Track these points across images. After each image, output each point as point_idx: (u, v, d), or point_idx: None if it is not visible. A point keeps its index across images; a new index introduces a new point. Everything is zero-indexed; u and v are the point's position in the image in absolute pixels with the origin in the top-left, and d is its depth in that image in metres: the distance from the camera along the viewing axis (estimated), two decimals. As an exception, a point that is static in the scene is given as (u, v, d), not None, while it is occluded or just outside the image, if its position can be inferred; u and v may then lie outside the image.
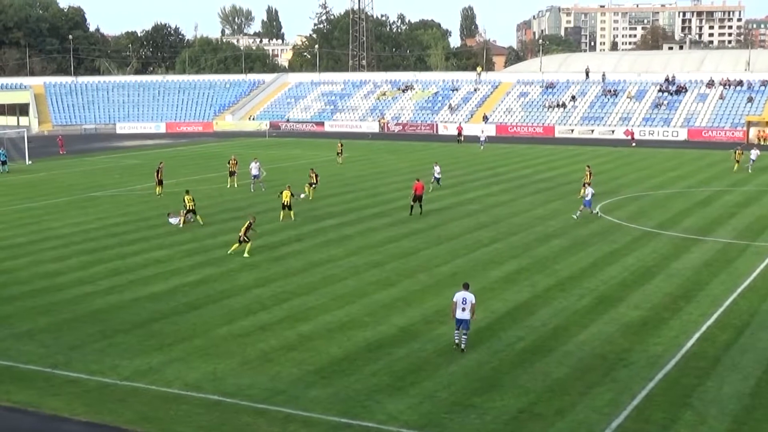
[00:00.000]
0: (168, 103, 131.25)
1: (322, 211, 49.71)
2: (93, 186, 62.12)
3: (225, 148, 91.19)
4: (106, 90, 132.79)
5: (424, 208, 48.11)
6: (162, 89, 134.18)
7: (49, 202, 54.91)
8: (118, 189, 60.40)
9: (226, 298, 30.93)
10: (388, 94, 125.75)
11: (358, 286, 32.25)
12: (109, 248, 39.84)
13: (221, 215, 48.47)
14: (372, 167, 71.83)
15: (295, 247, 39.65)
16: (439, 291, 31.35)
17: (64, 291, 32.03)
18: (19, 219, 48.58)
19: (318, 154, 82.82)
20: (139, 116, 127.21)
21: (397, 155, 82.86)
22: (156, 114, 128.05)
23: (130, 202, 54.23)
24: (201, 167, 72.93)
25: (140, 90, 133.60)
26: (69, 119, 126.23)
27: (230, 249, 38.17)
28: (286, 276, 33.96)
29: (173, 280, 33.60)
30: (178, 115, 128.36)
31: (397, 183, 61.85)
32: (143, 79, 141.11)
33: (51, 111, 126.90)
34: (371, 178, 64.68)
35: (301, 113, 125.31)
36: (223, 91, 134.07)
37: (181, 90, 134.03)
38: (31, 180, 67.15)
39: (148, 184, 61.35)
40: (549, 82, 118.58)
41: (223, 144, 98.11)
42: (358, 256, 37.40)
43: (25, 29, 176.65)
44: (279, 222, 45.88)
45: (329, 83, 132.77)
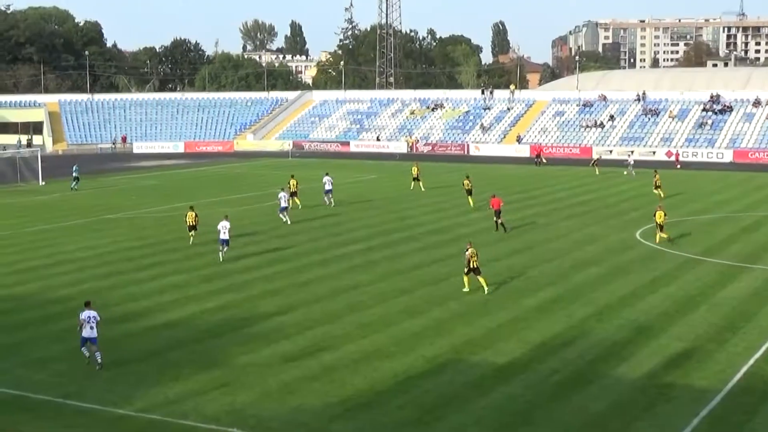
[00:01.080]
0: (187, 121, 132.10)
1: (347, 235, 49.76)
2: (108, 208, 62.52)
3: (246, 169, 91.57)
4: (123, 108, 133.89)
5: (506, 226, 50.00)
6: (181, 107, 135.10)
7: (62, 225, 55.32)
8: (135, 211, 60.77)
9: (247, 326, 30.98)
10: (417, 112, 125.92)
11: (384, 314, 32.19)
12: (125, 273, 40.05)
13: (241, 239, 48.60)
14: (399, 189, 71.85)
15: (319, 272, 39.69)
16: (471, 320, 31.24)
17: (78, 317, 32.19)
18: (32, 242, 48.96)
19: (344, 175, 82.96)
20: (156, 135, 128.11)
21: (427, 177, 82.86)
22: (174, 133, 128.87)
23: (147, 225, 54.54)
24: (221, 189, 73.24)
25: (158, 108, 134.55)
26: (84, 138, 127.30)
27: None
28: (309, 303, 33.98)
29: (191, 306, 33.70)
30: (197, 134, 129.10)
31: (427, 206, 61.81)
32: (161, 96, 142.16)
33: (66, 129, 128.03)
34: (399, 201, 64.72)
35: (326, 132, 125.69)
36: (244, 110, 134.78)
37: (201, 108, 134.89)
38: (45, 201, 67.70)
39: (166, 206, 61.69)
40: (586, 101, 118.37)
41: (244, 164, 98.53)
42: (385, 283, 37.36)
43: (39, 45, 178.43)
44: (303, 246, 45.98)
45: (355, 101, 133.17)
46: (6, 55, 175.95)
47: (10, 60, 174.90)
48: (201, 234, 50.24)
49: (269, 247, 45.93)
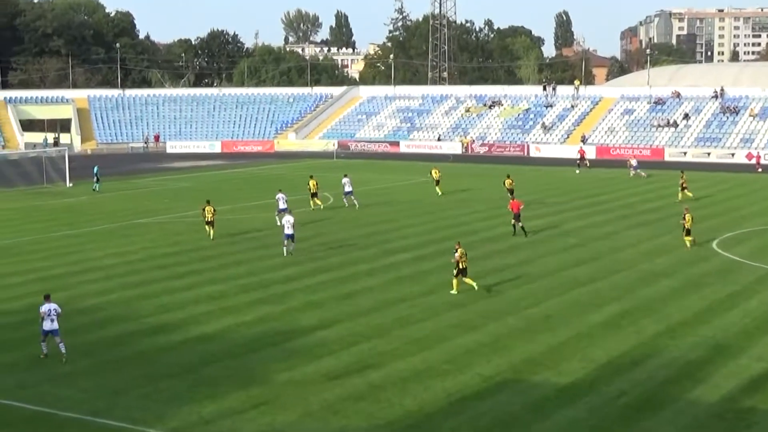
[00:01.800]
0: (224, 119, 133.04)
1: (396, 243, 49.79)
2: (139, 212, 63.11)
3: (287, 171, 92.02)
4: (156, 104, 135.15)
5: (526, 230, 50.37)
6: (218, 104, 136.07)
7: (90, 230, 55.94)
8: (167, 215, 61.28)
9: (287, 340, 31.09)
10: (473, 110, 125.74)
11: (436, 329, 32.15)
12: (156, 282, 40.39)
13: (281, 246, 48.80)
14: (453, 193, 71.75)
15: (365, 283, 39.74)
16: (530, 336, 31.11)
17: (106, 329, 32.55)
18: (58, 248, 49.57)
19: (392, 179, 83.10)
20: (191, 134, 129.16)
21: (483, 180, 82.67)
22: (210, 131, 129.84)
23: (181, 231, 54.97)
24: (260, 192, 73.63)
25: (193, 104, 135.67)
26: (114, 136, 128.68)
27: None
28: (354, 316, 34.03)
29: (227, 318, 33.90)
30: (235, 132, 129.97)
31: (482, 212, 61.68)
32: (197, 92, 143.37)
33: (95, 127, 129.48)
34: (452, 206, 64.63)
35: (374, 131, 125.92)
36: (285, 107, 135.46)
37: (239, 105, 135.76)
38: (72, 204, 68.52)
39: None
40: (658, 98, 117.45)
41: (285, 166, 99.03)
42: (436, 295, 37.32)
43: (67, 36, 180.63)
44: (348, 254, 46.11)
45: (405, 98, 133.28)
46: (32, 48, 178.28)
47: (37, 53, 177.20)
48: (238, 240, 50.60)
49: (311, 256, 46.09)
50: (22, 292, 38.46)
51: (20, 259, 46.27)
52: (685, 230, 47.52)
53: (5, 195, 74.98)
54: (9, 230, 56.12)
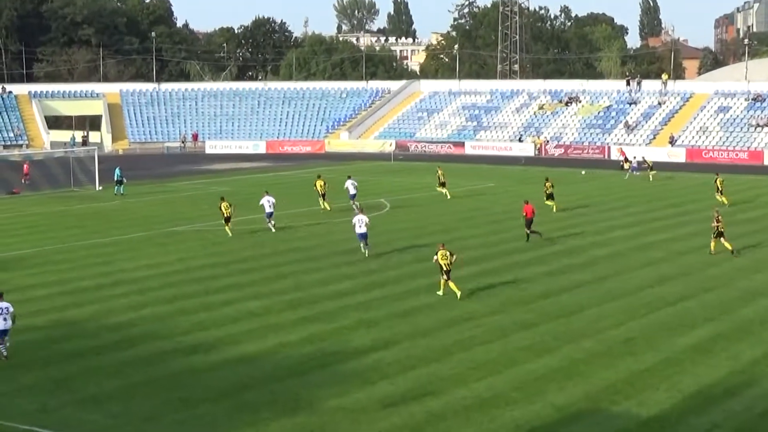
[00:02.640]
0: (269, 116, 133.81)
1: (459, 254, 49.62)
2: (175, 219, 63.58)
3: (339, 174, 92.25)
4: (195, 99, 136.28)
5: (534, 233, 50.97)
6: (262, 99, 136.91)
7: (121, 238, 56.47)
8: (206, 223, 61.65)
9: (337, 362, 31.12)
10: (547, 107, 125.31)
11: (503, 352, 32.04)
12: (193, 296, 40.65)
13: (332, 258, 48.92)
14: (524, 199, 71.44)
15: (425, 300, 39.69)
16: (610, 361, 30.89)
17: (138, 348, 32.80)
18: (86, 257, 50.08)
19: (456, 183, 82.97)
20: (233, 132, 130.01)
21: (557, 186, 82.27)
22: (254, 130, 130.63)
23: (220, 240, 55.27)
24: (308, 197, 73.85)
25: (236, 100, 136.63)
26: (148, 135, 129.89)
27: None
28: (412, 336, 33.99)
29: (271, 338, 34.02)
30: (281, 131, 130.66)
31: (556, 221, 61.39)
32: (239, 86, 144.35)
33: (127, 125, 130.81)
34: (522, 215, 64.28)
35: (436, 131, 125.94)
36: (337, 102, 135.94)
37: (286, 100, 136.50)
38: (102, 210, 69.18)
39: (243, 217, 62.49)
40: (757, 94, 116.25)
41: (336, 168, 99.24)
42: (504, 314, 37.19)
43: (98, 25, 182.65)
44: (406, 267, 46.10)
45: (472, 93, 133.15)
46: (60, 37, 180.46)
47: (65, 42, 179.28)
48: (283, 252, 50.78)
49: (365, 269, 46.14)
50: (47, 306, 38.90)
51: (45, 270, 46.81)
52: (717, 233, 48.92)
53: (29, 199, 75.96)
54: (33, 237, 56.82)
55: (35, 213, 67.97)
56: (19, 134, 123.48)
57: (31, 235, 57.73)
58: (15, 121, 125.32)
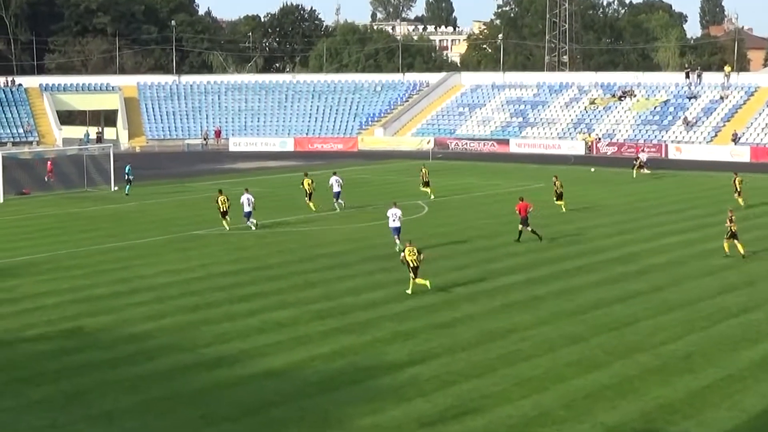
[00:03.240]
0: (298, 111, 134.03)
1: (504, 262, 49.64)
2: (197, 221, 63.78)
3: (373, 174, 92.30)
4: (218, 93, 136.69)
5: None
6: (291, 93, 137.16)
7: (139, 242, 56.73)
8: (230, 226, 61.81)
9: (371, 378, 31.15)
10: (599, 102, 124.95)
11: (551, 368, 31.98)
12: (216, 305, 40.80)
13: (365, 265, 48.96)
14: (574, 202, 71.30)
15: (465, 310, 39.67)
16: (666, 378, 30.77)
17: (156, 361, 32.94)
18: (101, 263, 50.34)
19: (500, 184, 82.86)
20: (259, 129, 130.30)
21: (609, 187, 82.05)
22: (282, 126, 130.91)
23: (245, 244, 55.42)
24: (342, 198, 73.95)
25: (262, 93, 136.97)
26: (168, 131, 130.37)
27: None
28: (452, 350, 33.98)
29: (299, 351, 34.08)
30: (310, 127, 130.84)
31: (608, 226, 61.21)
32: (266, 78, 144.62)
33: (145, 120, 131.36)
34: (573, 219, 64.22)
35: (478, 127, 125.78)
36: (372, 96, 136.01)
37: (316, 94, 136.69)
38: (118, 212, 69.48)
39: (271, 219, 62.67)
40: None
41: (370, 168, 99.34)
42: (551, 326, 37.13)
43: (114, 13, 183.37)
44: (445, 275, 46.06)
45: (517, 87, 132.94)
46: (73, 26, 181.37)
47: (78, 32, 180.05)
48: (312, 257, 50.86)
49: (401, 277, 46.10)
50: (58, 316, 39.15)
51: (56, 276, 47.10)
52: (730, 234, 50.19)
53: (39, 200, 76.42)
54: (44, 241, 57.15)
55: (46, 215, 68.37)
56: (30, 130, 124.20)
57: (43, 239, 58.07)
58: (25, 117, 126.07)
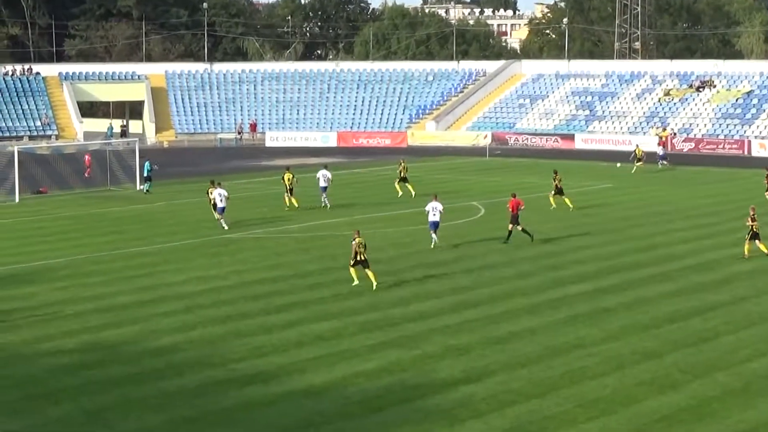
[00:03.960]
0: (342, 103, 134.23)
1: (569, 270, 49.47)
2: (230, 224, 63.91)
3: (424, 172, 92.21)
4: (253, 82, 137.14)
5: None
6: (333, 82, 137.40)
7: (166, 246, 56.97)
8: (266, 228, 61.95)
9: (420, 397, 31.12)
10: (674, 93, 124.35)
11: (620, 387, 31.84)
12: (250, 316, 40.88)
13: (415, 272, 48.91)
14: (646, 205, 70.98)
15: (526, 323, 39.57)
16: (749, 400, 30.57)
17: (185, 377, 33.05)
18: (125, 269, 50.59)
19: (565, 184, 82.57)
20: (298, 122, 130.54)
21: (687, 188, 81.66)
22: (323, 119, 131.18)
23: (283, 249, 55.53)
24: (386, 200, 73.91)
25: (302, 83, 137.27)
26: (199, 124, 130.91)
27: None
28: (511, 367, 33.90)
29: (342, 367, 34.08)
30: (355, 121, 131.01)
31: (684, 230, 60.89)
32: (306, 67, 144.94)
33: (174, 112, 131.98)
34: (645, 222, 63.96)
35: (540, 121, 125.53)
36: (423, 87, 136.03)
37: (362, 84, 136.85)
38: (144, 213, 69.78)
39: (312, 222, 62.79)
40: None
41: (421, 165, 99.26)
42: (621, 342, 36.97)
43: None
44: (504, 284, 46.00)
45: (583, 76, 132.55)
46: (96, 9, 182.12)
47: (102, 15, 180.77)
48: (371, 261, 50.84)
49: (455, 285, 46.09)
50: (78, 326, 39.37)
51: (76, 283, 47.36)
52: (752, 234, 51.51)
53: (58, 200, 76.85)
54: (63, 245, 57.52)
55: (66, 216, 68.80)
56: (48, 123, 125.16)
57: (61, 242, 58.45)
58: (43, 108, 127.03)
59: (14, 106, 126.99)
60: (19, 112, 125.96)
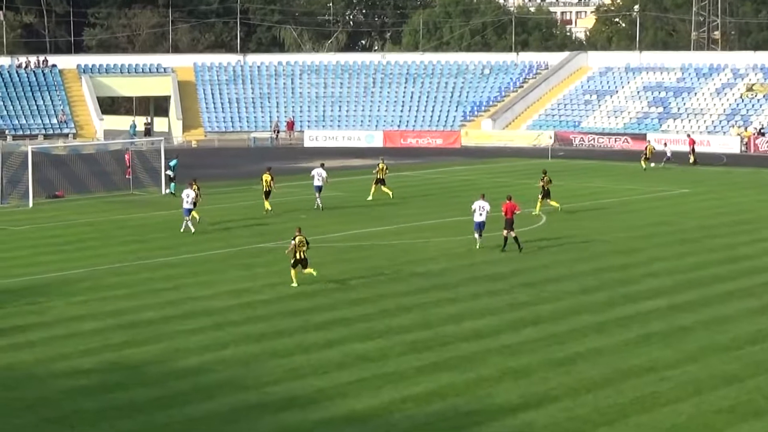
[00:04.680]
0: (388, 98, 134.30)
1: (640, 284, 49.30)
2: (264, 232, 64.07)
3: (480, 175, 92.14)
4: (291, 76, 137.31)
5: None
6: (379, 76, 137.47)
7: (194, 256, 57.14)
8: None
9: (476, 424, 31.10)
10: (758, 89, 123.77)
11: (697, 415, 31.72)
12: (287, 334, 40.93)
13: (470, 286, 48.87)
14: (728, 212, 70.70)
15: (592, 342, 39.46)
16: (842, 430, 30.41)
17: (215, 401, 33.12)
18: (149, 281, 50.79)
19: (635, 189, 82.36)
20: (340, 120, 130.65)
21: None
22: (368, 117, 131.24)
23: (323, 260, 55.54)
24: (438, 206, 73.92)
25: (344, 77, 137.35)
26: (230, 122, 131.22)
27: None
28: (575, 392, 33.81)
29: (388, 390, 34.08)
30: (403, 119, 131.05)
31: (765, 240, 60.68)
32: (349, 59, 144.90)
33: (203, 109, 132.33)
34: (726, 232, 63.70)
35: (608, 120, 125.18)
36: (478, 81, 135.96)
37: (410, 78, 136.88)
38: (171, 219, 69.83)
39: (353, 231, 62.80)
40: None
41: (476, 168, 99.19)
42: (698, 364, 36.83)
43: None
44: (567, 299, 45.89)
45: (657, 69, 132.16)
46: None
47: (124, 2, 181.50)
48: (405, 276, 50.91)
49: (513, 301, 46.02)
50: (99, 344, 39.50)
51: (96, 297, 47.51)
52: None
53: (77, 205, 77.16)
54: (82, 255, 57.79)
55: (84, 222, 69.08)
56: (65, 120, 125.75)
57: (79, 252, 58.74)
58: (59, 104, 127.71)
59: (28, 101, 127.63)
60: (33, 108, 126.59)
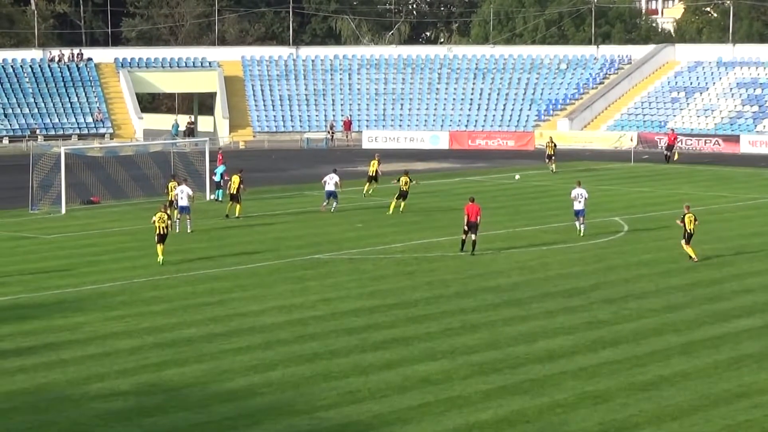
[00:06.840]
0: (455, 96, 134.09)
1: (732, 300, 49.11)
2: (318, 242, 64.16)
3: (555, 180, 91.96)
4: (348, 71, 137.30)
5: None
6: (445, 71, 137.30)
7: (241, 268, 57.28)
8: (362, 248, 62.07)
9: (551, 454, 31.15)
10: None
11: (795, 446, 31.60)
12: (342, 354, 40.99)
13: (543, 302, 48.79)
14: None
15: (678, 365, 39.30)
16: None
17: (262, 425, 33.22)
18: (192, 295, 50.97)
19: (726, 198, 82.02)
20: (402, 119, 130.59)
21: None
22: (433, 116, 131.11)
23: (382, 273, 55.61)
24: (511, 215, 73.86)
25: (406, 72, 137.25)
26: (282, 122, 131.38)
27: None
28: (658, 420, 33.70)
29: (453, 416, 34.08)
30: (471, 118, 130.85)
31: None
32: (412, 52, 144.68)
33: (251, 107, 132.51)
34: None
35: (698, 120, 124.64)
36: (554, 77, 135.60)
37: (479, 73, 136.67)
38: (214, 228, 70.12)
39: (429, 239, 62.82)
40: None
41: (550, 174, 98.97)
42: (797, 389, 36.67)
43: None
44: (651, 316, 45.77)
45: (752, 64, 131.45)
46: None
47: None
48: (473, 291, 50.88)
49: (591, 319, 45.92)
50: (136, 364, 39.69)
51: (133, 312, 47.73)
52: (686, 236, 56.73)
53: (114, 211, 77.48)
54: (117, 266, 58.07)
55: (121, 231, 69.41)
56: (101, 119, 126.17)
57: (115, 263, 58.96)
58: (95, 101, 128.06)
59: (61, 98, 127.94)
60: (66, 105, 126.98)
